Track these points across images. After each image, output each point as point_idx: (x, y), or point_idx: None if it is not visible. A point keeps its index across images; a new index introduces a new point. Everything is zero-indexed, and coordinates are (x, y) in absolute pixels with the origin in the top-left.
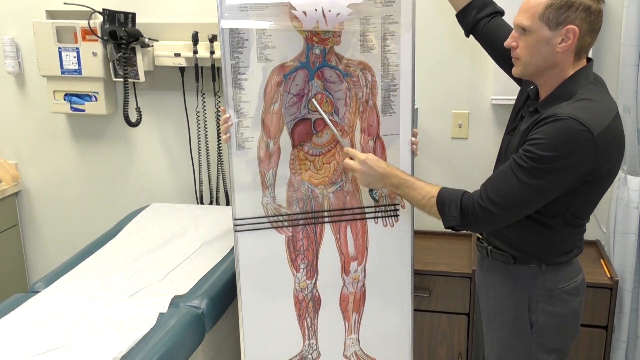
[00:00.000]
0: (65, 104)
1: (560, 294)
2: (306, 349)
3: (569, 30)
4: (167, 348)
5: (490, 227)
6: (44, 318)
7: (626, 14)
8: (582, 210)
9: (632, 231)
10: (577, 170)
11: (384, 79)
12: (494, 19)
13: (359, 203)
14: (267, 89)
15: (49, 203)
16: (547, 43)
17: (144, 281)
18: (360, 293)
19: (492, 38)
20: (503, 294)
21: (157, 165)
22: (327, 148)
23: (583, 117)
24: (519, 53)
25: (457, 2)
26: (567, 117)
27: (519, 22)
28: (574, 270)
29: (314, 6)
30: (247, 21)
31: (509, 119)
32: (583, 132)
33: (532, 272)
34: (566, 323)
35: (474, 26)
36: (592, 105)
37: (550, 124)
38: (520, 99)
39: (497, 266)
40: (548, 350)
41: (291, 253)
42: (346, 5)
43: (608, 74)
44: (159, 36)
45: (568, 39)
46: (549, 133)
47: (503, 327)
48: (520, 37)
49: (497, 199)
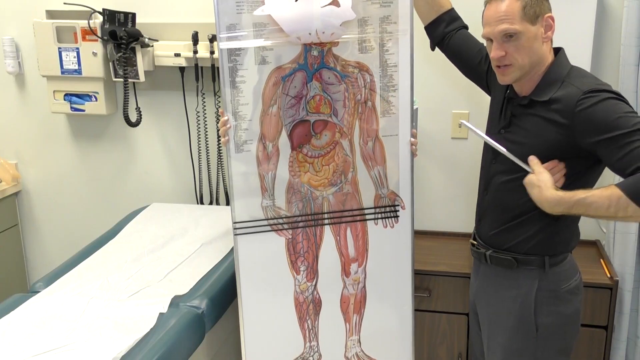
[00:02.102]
0: (65, 104)
1: (563, 294)
2: (307, 351)
3: (548, 18)
4: (167, 348)
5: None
6: (44, 318)
7: (626, 14)
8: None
9: (632, 231)
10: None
11: (382, 80)
12: (459, 31)
13: (359, 204)
14: (265, 91)
15: (49, 203)
16: (535, 38)
17: (144, 281)
18: (360, 294)
19: (459, 49)
20: (506, 299)
21: (157, 165)
22: (326, 150)
23: (603, 86)
24: (510, 59)
25: (427, 15)
26: (598, 89)
27: (503, 30)
28: (573, 269)
29: (307, 30)
30: (245, 41)
31: (492, 121)
32: (610, 91)
33: (535, 274)
34: (570, 323)
35: (442, 39)
36: (597, 78)
37: (595, 104)
38: (497, 103)
39: (497, 272)
40: (554, 352)
41: (291, 255)
42: (339, 25)
43: (608, 74)
44: (159, 36)
45: (550, 27)
46: (604, 107)
47: (507, 333)
48: (506, 44)
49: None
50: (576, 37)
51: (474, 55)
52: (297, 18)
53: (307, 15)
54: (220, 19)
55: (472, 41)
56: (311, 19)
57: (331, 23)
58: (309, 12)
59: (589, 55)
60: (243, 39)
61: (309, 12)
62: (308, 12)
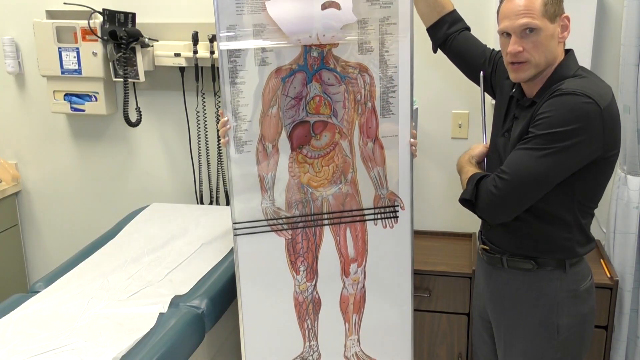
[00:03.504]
0: (65, 104)
1: (582, 293)
2: (307, 350)
3: (564, 18)
4: (167, 348)
5: (499, 207)
6: (44, 318)
7: (626, 14)
8: (594, 194)
9: (632, 231)
10: (585, 142)
11: (382, 81)
12: (462, 32)
13: (358, 205)
14: (265, 92)
15: (49, 203)
16: (552, 37)
17: (144, 281)
18: (360, 294)
19: (462, 51)
20: (525, 302)
21: (157, 165)
22: (325, 150)
23: (588, 91)
24: (527, 55)
25: (429, 16)
26: (572, 91)
27: (524, 24)
28: (587, 268)
29: (308, 33)
30: (245, 42)
31: (496, 123)
32: (590, 104)
33: (556, 275)
34: (588, 322)
35: (444, 41)
36: (593, 82)
37: (555, 98)
38: (502, 103)
39: (515, 275)
40: (574, 354)
41: (291, 256)
42: (340, 28)
43: (608, 74)
44: (159, 36)
45: (565, 27)
46: (556, 106)
47: (527, 337)
48: (525, 39)
49: (509, 176)
50: (576, 37)
51: (477, 56)
52: (297, 21)
53: (308, 18)
54: (220, 20)
55: (475, 42)
56: (312, 22)
57: (332, 26)
58: (310, 15)
59: (589, 55)
60: (243, 40)
61: (309, 15)
62: (309, 15)
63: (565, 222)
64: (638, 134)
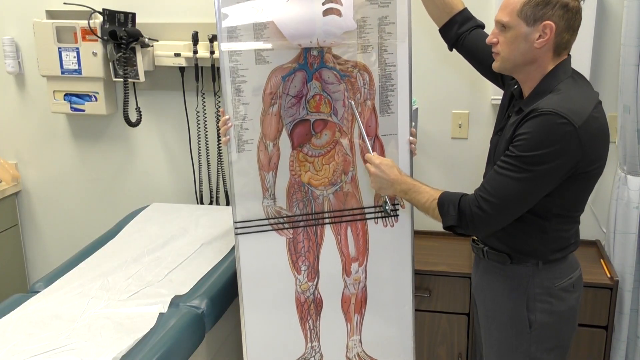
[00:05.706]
0: (65, 104)
1: (556, 291)
2: (309, 351)
3: (546, 26)
4: (167, 348)
5: (486, 227)
6: (44, 318)
7: (626, 14)
8: (575, 205)
9: (632, 231)
10: (563, 163)
11: (381, 79)
12: (474, 30)
13: (359, 204)
14: (266, 91)
15: (49, 203)
16: (525, 39)
17: (144, 281)
18: (361, 294)
19: (473, 48)
20: (500, 295)
21: (157, 165)
22: (326, 149)
23: (562, 110)
24: (498, 48)
25: (439, 18)
26: (546, 111)
27: (498, 19)
28: (569, 267)
29: (309, 38)
30: (246, 43)
31: (497, 120)
32: (564, 124)
33: (529, 271)
34: (564, 320)
35: (456, 40)
36: (570, 97)
37: (532, 120)
38: (505, 100)
39: (493, 267)
40: (548, 349)
41: (292, 255)
42: (340, 34)
43: (608, 74)
44: (159, 36)
45: (545, 35)
46: (532, 129)
47: (502, 328)
48: (500, 33)
49: (492, 198)
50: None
51: (489, 53)
52: (298, 27)
53: (310, 24)
54: (221, 21)
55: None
56: (313, 28)
57: (333, 33)
58: (312, 20)
59: (589, 55)
60: (243, 41)
61: (311, 22)
62: (310, 21)
63: (543, 229)
64: (638, 134)
